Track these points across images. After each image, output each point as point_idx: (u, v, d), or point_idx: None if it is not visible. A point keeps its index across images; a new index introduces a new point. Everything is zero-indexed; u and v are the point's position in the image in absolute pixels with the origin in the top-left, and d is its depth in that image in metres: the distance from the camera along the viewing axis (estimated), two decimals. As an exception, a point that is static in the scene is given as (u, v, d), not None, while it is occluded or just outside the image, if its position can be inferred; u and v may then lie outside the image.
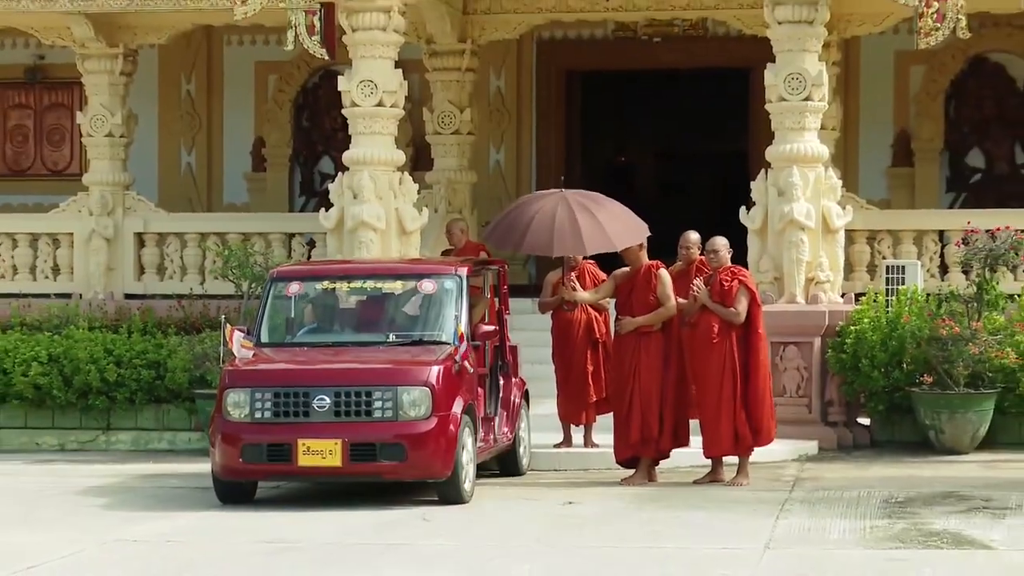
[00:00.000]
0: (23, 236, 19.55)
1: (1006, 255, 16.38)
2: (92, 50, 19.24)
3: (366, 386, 12.37)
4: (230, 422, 12.44)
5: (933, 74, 21.54)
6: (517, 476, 14.57)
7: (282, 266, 15.82)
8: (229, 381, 12.68)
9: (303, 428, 12.32)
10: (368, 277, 14.17)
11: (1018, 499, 12.86)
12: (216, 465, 12.56)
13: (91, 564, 10.58)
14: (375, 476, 12.52)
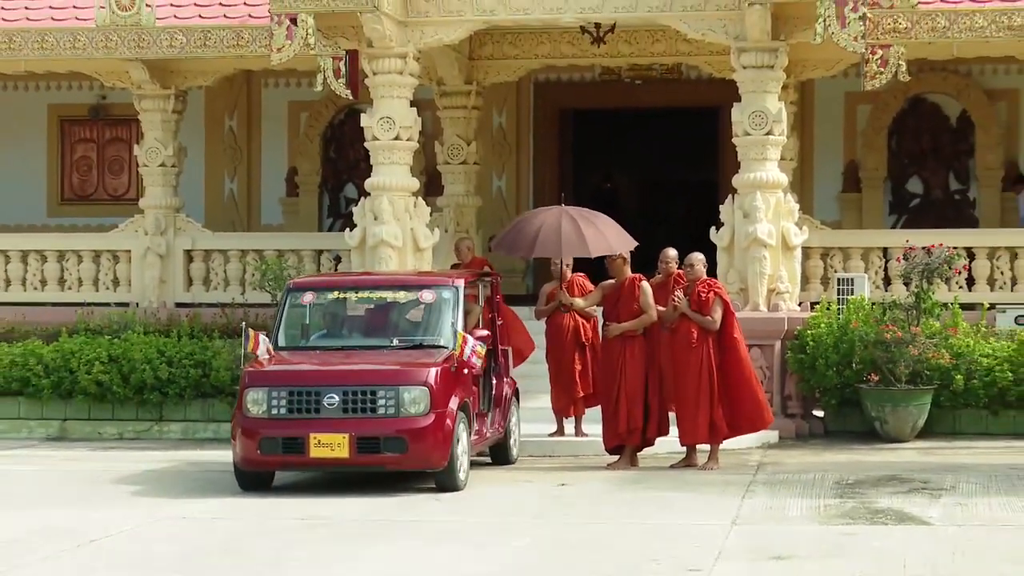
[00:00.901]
0: (87, 252, 19.57)
1: (940, 269, 16.43)
2: (147, 91, 19.27)
3: (371, 385, 12.30)
4: (249, 418, 12.38)
5: (877, 112, 21.54)
6: (508, 465, 14.38)
7: (298, 278, 15.78)
8: (249, 381, 12.61)
9: (314, 423, 12.24)
10: (374, 288, 14.08)
11: (952, 481, 12.88)
12: (237, 456, 12.48)
13: (145, 537, 10.60)
14: (379, 467, 12.46)
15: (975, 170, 21.72)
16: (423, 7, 16.58)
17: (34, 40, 19.00)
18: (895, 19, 16.90)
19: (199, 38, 18.56)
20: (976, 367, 15.95)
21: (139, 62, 18.82)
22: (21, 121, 23.42)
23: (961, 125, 21.81)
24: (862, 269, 17.81)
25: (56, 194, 23.50)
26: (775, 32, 16.18)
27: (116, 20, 18.52)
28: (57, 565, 9.60)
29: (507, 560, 9.74)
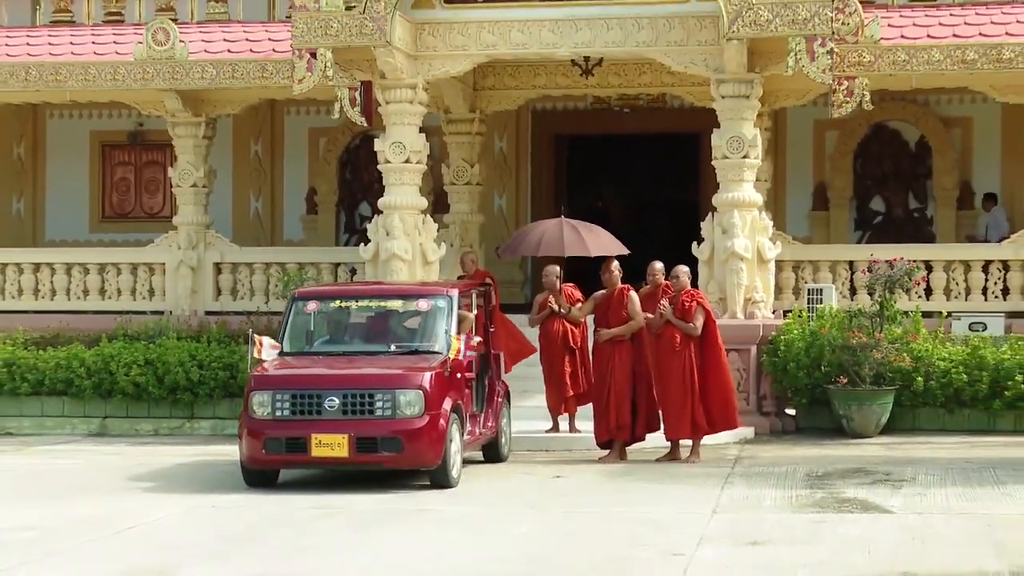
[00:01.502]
0: (126, 265, 19.57)
1: (901, 280, 16.44)
2: (181, 119, 19.27)
3: (369, 389, 12.02)
4: (255, 419, 12.08)
5: (844, 138, 21.55)
6: (500, 462, 14.02)
7: (302, 288, 15.69)
8: (255, 384, 12.31)
9: (316, 424, 11.96)
10: (373, 297, 13.84)
11: (912, 473, 12.89)
12: (243, 455, 12.19)
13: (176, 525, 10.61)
14: (376, 465, 12.17)
15: (932, 191, 21.72)
16: (431, 42, 16.59)
17: (78, 72, 19.05)
18: (859, 53, 16.95)
19: (228, 70, 18.60)
20: (934, 370, 15.94)
21: (173, 92, 18.86)
22: (66, 146, 23.46)
23: (919, 150, 21.81)
24: (830, 280, 17.83)
25: (98, 212, 23.50)
26: (751, 65, 16.20)
27: (152, 54, 18.56)
28: (97, 549, 9.62)
29: (509, 544, 9.75)
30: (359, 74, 16.76)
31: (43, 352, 17.48)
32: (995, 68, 17.38)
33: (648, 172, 24.26)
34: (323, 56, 16.15)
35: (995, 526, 10.13)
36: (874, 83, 17.10)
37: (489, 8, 16.43)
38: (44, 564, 9.11)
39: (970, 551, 9.21)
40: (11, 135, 23.36)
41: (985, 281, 17.90)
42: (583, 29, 16.37)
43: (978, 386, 15.87)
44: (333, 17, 16.07)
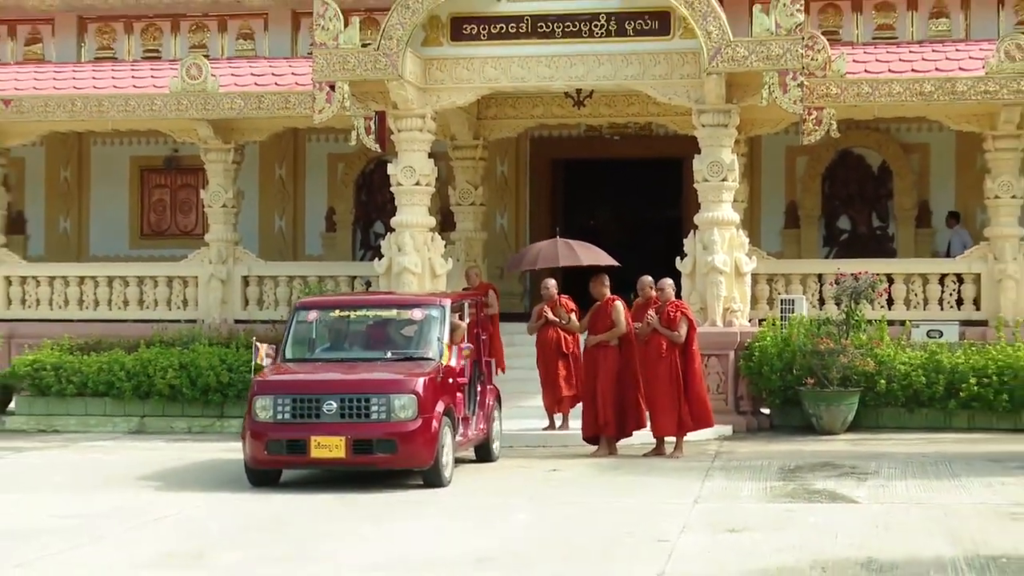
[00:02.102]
0: (162, 278, 19.58)
1: (866, 291, 16.47)
2: (212, 145, 19.30)
3: (365, 393, 11.58)
4: (257, 422, 11.64)
5: (813, 162, 21.55)
6: (491, 462, 13.56)
7: (304, 298, 15.46)
8: (257, 389, 11.86)
9: (315, 427, 11.52)
10: (370, 307, 13.45)
11: (876, 467, 12.90)
12: (247, 456, 11.79)
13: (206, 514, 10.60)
14: (372, 465, 11.73)
15: (893, 210, 21.71)
16: (439, 76, 16.61)
17: (119, 103, 19.09)
18: (827, 86, 17.00)
19: (254, 102, 18.64)
20: (895, 373, 15.95)
21: (205, 121, 18.89)
22: (108, 170, 23.47)
23: (881, 173, 21.81)
24: (801, 292, 17.83)
25: (137, 230, 23.48)
26: (729, 97, 16.20)
27: (186, 87, 18.59)
28: (138, 535, 9.65)
29: (511, 531, 9.77)
30: (373, 105, 16.77)
31: (87, 357, 17.48)
32: (950, 100, 17.44)
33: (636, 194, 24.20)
34: (341, 89, 16.17)
35: (950, 515, 10.15)
36: (841, 113, 17.17)
37: (491, 45, 16.45)
38: (92, 548, 9.14)
39: (928, 538, 9.22)
40: (58, 160, 23.37)
41: (941, 293, 17.93)
42: (576, 64, 16.39)
43: (935, 388, 15.88)
44: (350, 53, 16.11)
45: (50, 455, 14.79)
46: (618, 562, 8.54)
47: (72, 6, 22.57)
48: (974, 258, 18.08)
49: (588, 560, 8.63)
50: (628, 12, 16.17)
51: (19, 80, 20.28)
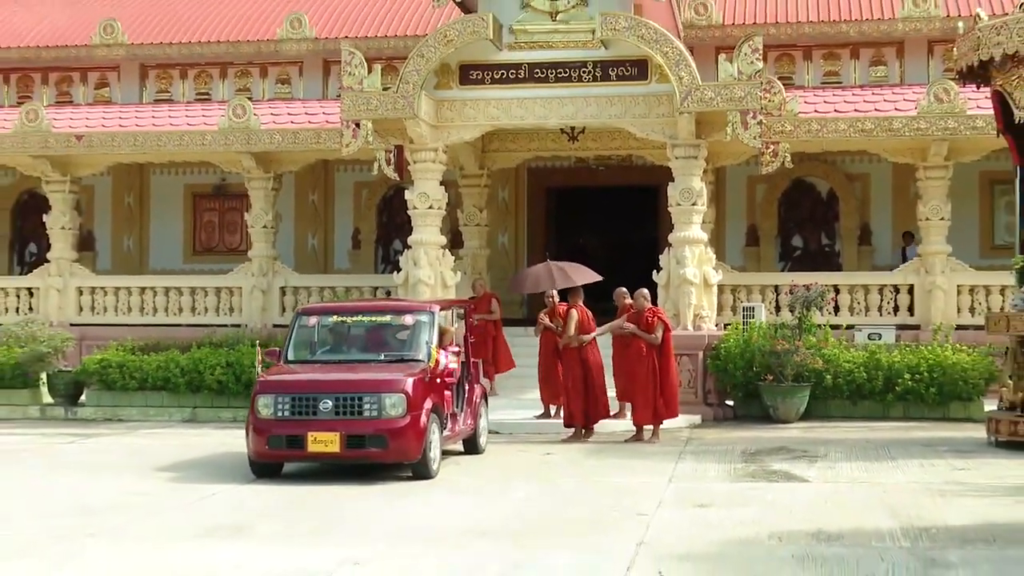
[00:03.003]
0: (211, 289, 19.62)
1: (816, 300, 16.47)
2: (254, 175, 19.33)
3: (358, 393, 10.89)
4: (260, 419, 10.99)
5: (770, 189, 21.63)
6: (478, 454, 12.84)
7: (305, 305, 15.00)
8: (260, 389, 11.20)
9: (312, 424, 10.83)
10: (366, 313, 12.62)
11: (824, 451, 12.88)
12: (250, 450, 11.15)
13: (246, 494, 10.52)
14: (364, 459, 11.03)
15: (839, 231, 21.79)
16: (449, 115, 16.62)
17: (175, 139, 19.13)
18: (782, 124, 17.05)
19: (291, 137, 18.67)
20: (841, 370, 15.92)
21: (248, 154, 18.94)
22: (165, 196, 23.55)
23: (829, 199, 21.89)
24: (760, 300, 17.86)
25: (190, 247, 23.55)
26: (698, 133, 16.21)
27: (232, 125, 18.62)
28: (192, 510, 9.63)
29: (511, 505, 9.77)
30: (393, 139, 16.81)
31: (147, 356, 17.46)
32: (887, 136, 17.49)
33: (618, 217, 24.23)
34: (365, 126, 16.18)
35: (889, 492, 10.14)
36: (794, 147, 17.23)
37: (494, 89, 16.46)
38: (153, 521, 9.16)
39: (870, 512, 9.21)
40: (123, 187, 23.44)
41: (880, 301, 17.98)
42: (567, 105, 16.39)
43: (875, 383, 15.87)
44: (373, 96, 16.13)
45: (115, 440, 14.77)
46: (604, 533, 8.54)
47: (135, 55, 22.65)
48: (908, 271, 18.11)
49: (578, 531, 8.63)
50: (612, 60, 16.19)
51: (89, 119, 20.32)
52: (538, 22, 16.19)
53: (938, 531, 8.43)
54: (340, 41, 19.13)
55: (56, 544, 8.25)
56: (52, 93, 23.13)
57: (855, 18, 20.57)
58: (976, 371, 15.77)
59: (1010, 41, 12.93)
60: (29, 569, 7.54)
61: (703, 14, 20.65)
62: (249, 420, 11.14)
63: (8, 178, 23.03)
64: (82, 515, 9.37)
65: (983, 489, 10.30)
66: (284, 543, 8.20)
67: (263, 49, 22.17)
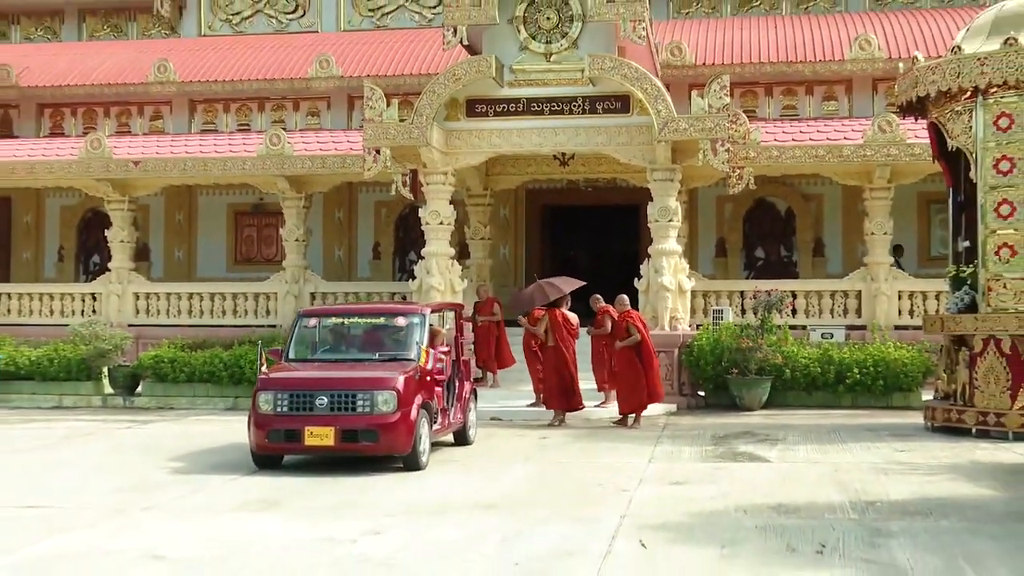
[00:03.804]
0: (250, 294, 19.59)
1: (776, 304, 16.47)
2: (288, 195, 19.33)
3: (352, 390, 10.20)
4: (260, 414, 10.32)
5: (736, 207, 21.61)
6: (467, 445, 12.18)
7: (305, 308, 14.40)
8: (261, 386, 10.53)
9: (309, 419, 10.16)
10: (361, 315, 11.92)
11: (784, 435, 12.88)
12: (252, 443, 10.48)
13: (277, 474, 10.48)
14: (357, 452, 10.34)
15: (796, 244, 21.77)
16: (457, 143, 16.61)
17: (219, 164, 19.16)
18: (747, 151, 17.05)
19: (319, 162, 18.68)
20: (798, 364, 15.92)
21: (283, 177, 18.95)
22: (211, 213, 23.55)
23: (787, 216, 21.87)
24: (727, 304, 17.81)
25: (232, 258, 23.53)
26: (674, 158, 16.22)
27: (269, 152, 18.65)
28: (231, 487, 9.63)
29: (512, 481, 9.78)
30: (408, 164, 16.80)
31: (194, 353, 17.46)
32: (838, 161, 17.50)
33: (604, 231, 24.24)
34: (384, 152, 16.19)
35: (839, 471, 10.15)
36: (757, 171, 17.24)
37: (496, 120, 16.45)
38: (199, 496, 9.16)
39: (822, 488, 9.21)
40: (174, 206, 23.45)
41: (832, 305, 17.93)
42: (560, 134, 16.39)
43: (827, 376, 15.87)
44: (391, 127, 16.13)
45: (166, 426, 14.76)
46: (592, 506, 8.54)
47: (185, 91, 22.66)
48: (856, 279, 18.08)
49: (570, 504, 8.63)
50: (598, 96, 16.19)
51: (145, 147, 20.34)
52: (535, 63, 16.20)
53: (882, 504, 8.43)
54: (362, 79, 19.10)
55: (116, 516, 8.26)
56: (113, 124, 23.15)
57: (809, 59, 20.57)
58: (915, 366, 15.79)
59: (944, 80, 12.97)
60: (92, 536, 7.54)
61: (678, 55, 20.67)
62: (251, 415, 10.47)
63: (75, 198, 23.02)
64: (138, 491, 9.38)
65: (920, 468, 10.31)
66: (311, 516, 8.19)
67: (296, 86, 22.18)
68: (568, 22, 16.06)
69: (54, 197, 23.54)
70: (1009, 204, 12.68)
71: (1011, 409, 12.35)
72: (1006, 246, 12.69)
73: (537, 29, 16.12)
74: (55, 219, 23.93)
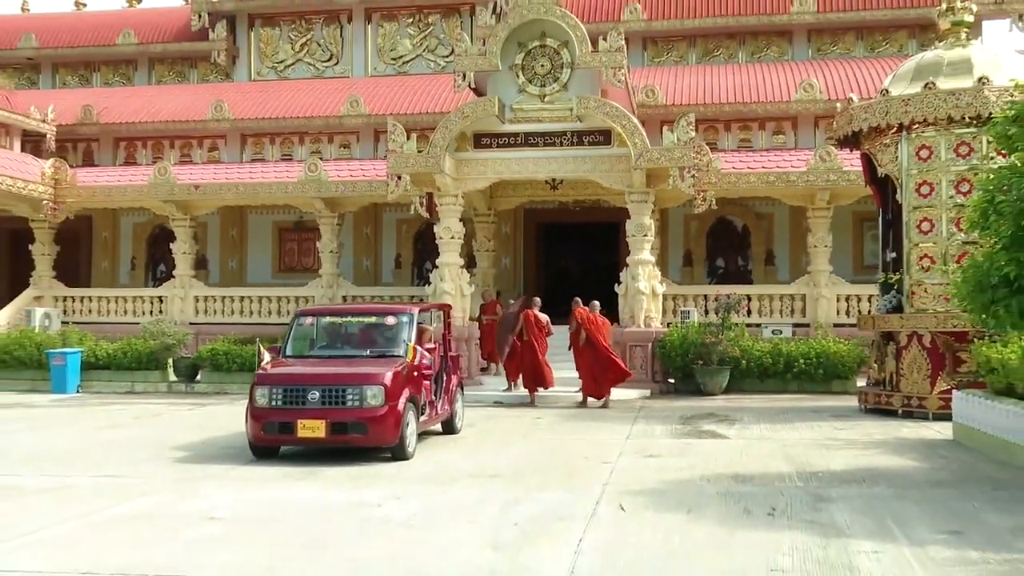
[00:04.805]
0: (292, 297, 19.64)
1: (734, 306, 16.48)
2: (323, 214, 19.36)
3: (342, 385, 9.22)
4: (257, 407, 9.36)
5: (701, 225, 21.61)
6: (454, 433, 11.28)
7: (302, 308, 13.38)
8: (257, 381, 9.50)
9: (301, 412, 9.19)
10: (354, 315, 10.88)
11: (740, 416, 12.88)
12: (249, 435, 9.49)
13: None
14: (347, 444, 9.31)
15: (751, 255, 21.76)
16: (466, 170, 16.61)
17: (266, 189, 19.22)
18: (709, 177, 17.07)
19: (350, 186, 18.73)
20: (752, 356, 15.93)
21: (319, 199, 19.00)
22: (259, 229, 23.53)
23: (743, 232, 21.87)
24: (693, 306, 17.85)
25: (277, 267, 23.50)
26: (648, 183, 16.21)
27: (308, 178, 18.68)
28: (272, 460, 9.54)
29: (511, 455, 9.71)
30: (425, 188, 16.79)
31: (244, 346, 17.40)
32: (786, 186, 17.55)
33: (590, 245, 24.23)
34: (405, 178, 16.20)
35: (787, 446, 10.13)
36: (718, 193, 17.26)
37: (498, 151, 16.46)
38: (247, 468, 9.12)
39: (773, 461, 9.20)
40: (228, 224, 23.44)
41: (781, 306, 17.99)
42: (552, 163, 16.40)
43: (777, 366, 15.88)
44: (411, 156, 16.15)
45: (222, 408, 14.72)
46: (580, 475, 8.53)
47: (237, 127, 22.68)
48: (801, 285, 18.12)
49: (560, 474, 8.62)
50: (584, 130, 16.20)
51: (204, 174, 20.37)
52: (531, 103, 16.22)
53: (823, 474, 8.42)
54: (386, 116, 19.15)
55: (180, 484, 8.25)
56: (177, 155, 23.16)
57: (762, 100, 20.61)
58: (850, 357, 15.79)
59: (874, 117, 12.99)
60: (160, 501, 7.54)
61: (651, 96, 20.69)
62: (248, 408, 9.50)
63: (145, 216, 23.06)
64: (200, 462, 9.38)
65: (855, 444, 10.31)
66: (342, 485, 8.18)
67: (330, 122, 22.19)
68: (559, 69, 16.09)
69: (128, 216, 23.57)
70: (929, 222, 12.71)
71: (931, 393, 12.36)
72: (927, 257, 12.72)
73: (533, 75, 16.14)
74: (128, 234, 23.94)
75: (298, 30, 24.31)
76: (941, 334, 12.43)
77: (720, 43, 22.66)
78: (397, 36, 23.90)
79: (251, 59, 24.53)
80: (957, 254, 12.35)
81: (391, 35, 23.93)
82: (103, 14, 26.18)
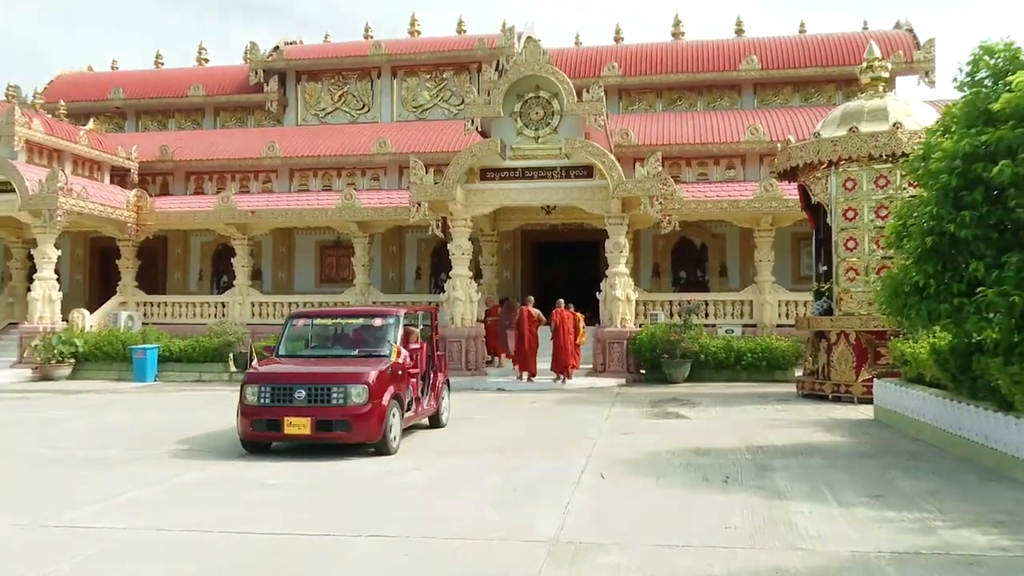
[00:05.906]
0: (331, 303, 19.45)
1: (694, 310, 16.55)
2: (357, 235, 19.35)
3: (327, 383, 8.04)
4: (247, 405, 8.18)
5: (666, 243, 21.60)
6: (441, 427, 10.07)
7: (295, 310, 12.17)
8: (247, 379, 8.29)
9: (288, 410, 8.01)
10: (343, 316, 9.52)
11: (699, 400, 12.84)
12: (240, 431, 8.28)
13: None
14: (332, 440, 8.06)
15: (708, 268, 21.72)
16: (474, 198, 16.63)
17: (310, 214, 19.22)
18: (673, 204, 17.13)
19: (379, 212, 18.72)
20: (709, 351, 15.91)
21: (354, 223, 19.00)
22: (304, 247, 23.47)
23: (701, 248, 21.82)
24: (661, 309, 17.82)
25: (319, 278, 23.44)
26: (623, 209, 16.23)
27: (345, 205, 18.67)
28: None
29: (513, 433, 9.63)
30: (440, 213, 16.77)
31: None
32: (736, 211, 17.56)
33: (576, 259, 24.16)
34: (424, 205, 16.21)
35: (739, 425, 10.11)
36: (681, 217, 17.31)
37: (500, 183, 16.48)
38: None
39: (726, 437, 9.17)
40: (279, 242, 23.41)
41: (732, 310, 17.96)
42: (545, 193, 16.41)
43: (729, 359, 15.86)
44: (428, 187, 16.18)
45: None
46: (568, 448, 8.49)
47: (286, 163, 22.69)
48: (749, 292, 18.11)
49: (552, 447, 8.58)
50: (571, 166, 16.23)
51: (258, 202, 20.36)
52: (527, 143, 16.25)
53: (768, 448, 8.40)
54: (409, 155, 19.15)
55: (238, 458, 8.19)
56: (237, 186, 23.15)
57: (716, 141, 20.64)
58: (790, 352, 15.76)
59: (808, 155, 13.03)
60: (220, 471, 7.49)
61: (626, 138, 20.72)
62: (239, 406, 8.33)
63: (210, 236, 23.05)
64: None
65: (794, 423, 10.28)
66: (368, 458, 8.10)
67: (363, 159, 22.19)
68: (550, 115, 16.13)
69: (196, 236, 23.55)
70: (854, 240, 12.73)
71: (856, 381, 12.36)
72: (852, 269, 12.73)
73: (529, 120, 16.19)
74: (197, 251, 23.94)
75: (336, 84, 24.38)
76: (864, 333, 12.43)
77: (682, 94, 22.72)
78: (418, 89, 23.97)
79: (298, 108, 24.59)
80: (877, 267, 12.39)
81: (413, 88, 24.01)
82: (177, 71, 26.28)
